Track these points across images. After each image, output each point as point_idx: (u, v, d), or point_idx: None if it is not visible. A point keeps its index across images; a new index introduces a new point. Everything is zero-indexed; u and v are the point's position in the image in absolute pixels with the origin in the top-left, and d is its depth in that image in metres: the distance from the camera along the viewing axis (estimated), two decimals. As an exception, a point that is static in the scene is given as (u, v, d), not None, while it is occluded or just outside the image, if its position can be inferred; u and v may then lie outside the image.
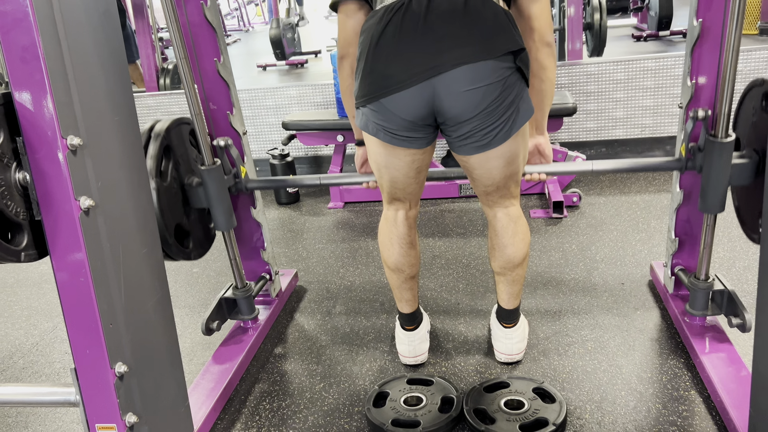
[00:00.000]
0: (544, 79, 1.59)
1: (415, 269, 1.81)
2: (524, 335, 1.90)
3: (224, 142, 1.89)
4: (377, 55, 1.43)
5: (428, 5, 1.39)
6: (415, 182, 1.68)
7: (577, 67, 3.35)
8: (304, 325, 2.20)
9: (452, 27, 1.38)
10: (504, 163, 1.57)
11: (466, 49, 1.37)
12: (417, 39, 1.39)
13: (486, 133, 1.47)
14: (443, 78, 1.39)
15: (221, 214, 1.89)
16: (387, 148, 1.55)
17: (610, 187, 3.22)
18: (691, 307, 1.86)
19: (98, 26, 1.24)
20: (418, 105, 1.43)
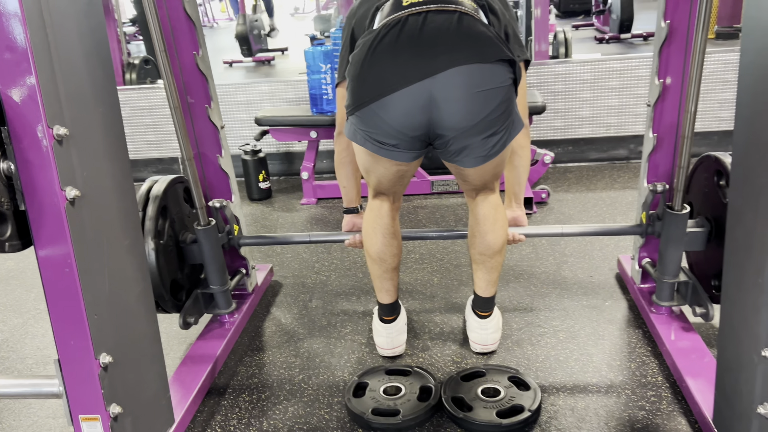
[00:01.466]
0: (522, 156, 1.78)
1: (396, 260, 1.85)
2: (498, 326, 1.95)
3: (219, 204, 1.99)
4: (372, 62, 1.45)
5: (424, 20, 1.43)
6: (400, 185, 1.75)
7: (545, 67, 3.43)
8: (281, 318, 2.21)
9: (446, 37, 1.42)
10: (494, 167, 1.64)
11: (460, 53, 1.41)
12: (412, 47, 1.42)
13: (486, 143, 1.51)
14: (439, 80, 1.41)
15: (215, 271, 1.98)
16: (374, 157, 1.59)
17: (577, 184, 3.30)
18: (657, 298, 1.94)
19: (83, 17, 1.24)
20: (413, 111, 1.44)
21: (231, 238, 2.07)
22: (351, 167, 1.84)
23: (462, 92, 1.42)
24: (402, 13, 1.45)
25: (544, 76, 3.43)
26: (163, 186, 1.87)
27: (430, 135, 1.52)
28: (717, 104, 3.40)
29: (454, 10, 1.44)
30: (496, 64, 1.43)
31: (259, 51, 7.67)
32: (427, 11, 1.44)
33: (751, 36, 1.18)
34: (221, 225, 2.02)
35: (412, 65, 1.41)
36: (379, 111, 1.46)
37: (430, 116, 1.45)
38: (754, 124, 1.19)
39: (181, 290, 1.97)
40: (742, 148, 1.24)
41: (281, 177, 3.82)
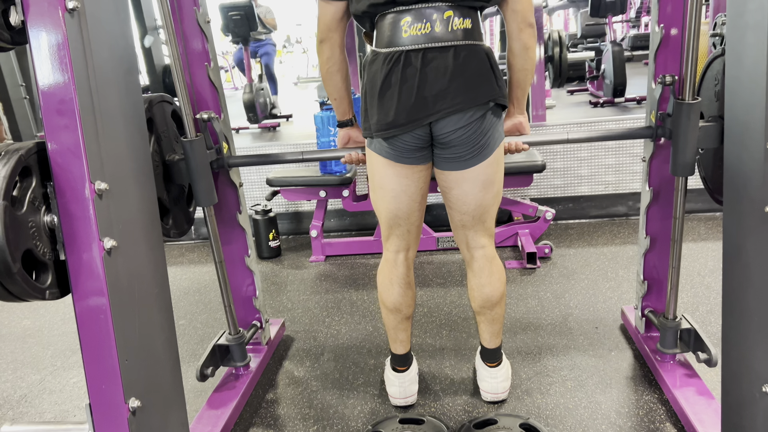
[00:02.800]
0: (526, 58, 1.72)
1: (411, 309, 1.91)
2: (508, 375, 1.99)
3: (207, 116, 1.90)
4: (382, 103, 1.61)
5: (423, 59, 1.56)
6: (417, 209, 1.80)
7: (543, 128, 3.58)
8: (293, 371, 2.25)
9: (444, 83, 1.56)
10: (479, 187, 1.72)
11: (456, 100, 1.56)
12: (415, 92, 1.56)
13: (465, 153, 1.66)
14: (438, 123, 1.61)
15: (203, 188, 1.89)
16: (396, 167, 1.71)
17: (578, 239, 3.39)
18: (661, 346, 1.99)
19: (122, 83, 1.36)
20: (419, 137, 1.65)
21: (219, 157, 1.99)
22: (339, 76, 1.80)
23: (454, 126, 1.62)
24: (401, 48, 1.57)
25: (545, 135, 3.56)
26: (148, 98, 1.78)
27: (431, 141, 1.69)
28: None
29: (449, 46, 1.57)
30: (486, 104, 1.61)
31: (264, 118, 7.91)
32: (426, 49, 1.57)
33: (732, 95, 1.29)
34: (209, 141, 1.93)
35: (416, 112, 1.58)
36: (393, 141, 1.66)
37: (429, 137, 1.66)
38: (740, 175, 1.29)
39: (167, 213, 1.85)
40: (732, 198, 1.33)
41: (290, 236, 3.92)
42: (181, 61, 1.78)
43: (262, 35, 8.46)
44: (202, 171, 1.86)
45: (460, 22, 1.60)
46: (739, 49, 1.28)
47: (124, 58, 1.36)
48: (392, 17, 1.60)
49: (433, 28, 1.58)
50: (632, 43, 10.70)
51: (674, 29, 1.84)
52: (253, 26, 7.49)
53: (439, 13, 1.58)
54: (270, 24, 8.76)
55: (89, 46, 1.22)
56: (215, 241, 1.99)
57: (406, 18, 1.59)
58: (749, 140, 1.25)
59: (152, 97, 1.81)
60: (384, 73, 1.59)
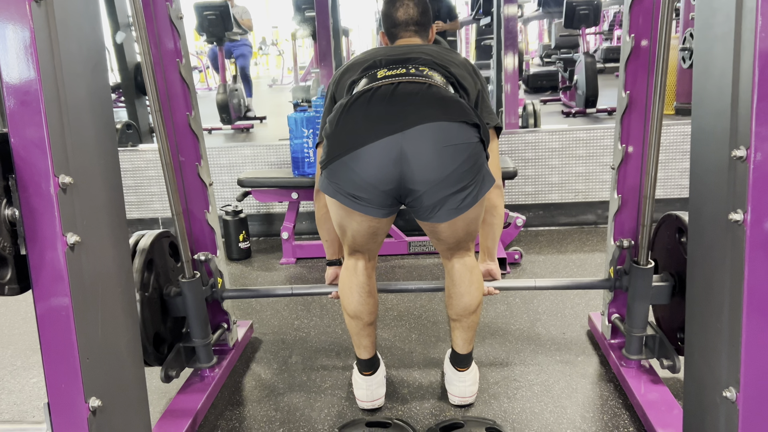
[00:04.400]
0: (495, 215, 1.88)
1: (373, 316, 1.90)
2: (476, 379, 2.00)
3: (204, 257, 2.03)
4: (345, 120, 1.57)
5: (395, 88, 1.57)
6: (374, 243, 1.81)
7: (516, 136, 3.62)
8: (260, 373, 2.23)
9: (415, 98, 1.56)
10: (468, 224, 1.72)
11: (427, 111, 1.54)
12: (384, 105, 1.55)
13: (456, 197, 1.59)
14: (409, 135, 1.51)
15: (197, 324, 2.01)
16: (345, 210, 1.67)
17: (548, 246, 3.43)
18: (627, 352, 2.02)
19: (91, 76, 1.33)
20: (384, 163, 1.53)
21: (214, 291, 2.10)
22: (332, 222, 1.88)
23: (430, 146, 1.52)
24: (376, 83, 1.59)
25: (515, 144, 3.60)
26: (150, 240, 1.92)
27: (402, 191, 1.59)
28: (678, 173, 3.60)
29: (424, 82, 1.59)
30: (462, 124, 1.55)
31: (238, 119, 7.85)
32: (399, 82, 1.58)
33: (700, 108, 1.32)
34: (205, 278, 2.06)
35: (384, 121, 1.53)
36: (351, 163, 1.55)
37: (401, 170, 1.54)
38: (706, 183, 1.31)
39: (164, 343, 1.99)
40: (697, 205, 1.36)
41: (261, 238, 3.88)
42: (152, 58, 1.75)
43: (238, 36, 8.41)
44: (197, 307, 1.99)
45: (435, 74, 1.66)
46: (707, 59, 1.30)
47: (93, 51, 1.34)
48: (370, 75, 1.67)
49: (408, 71, 1.63)
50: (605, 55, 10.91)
51: (645, 41, 1.88)
52: (228, 26, 7.44)
53: (416, 66, 1.65)
54: (246, 25, 8.71)
55: (56, 38, 1.20)
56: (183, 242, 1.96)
57: (383, 70, 1.66)
58: (715, 149, 1.28)
59: (153, 237, 1.94)
60: (352, 100, 1.58)
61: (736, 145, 1.19)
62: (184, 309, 1.99)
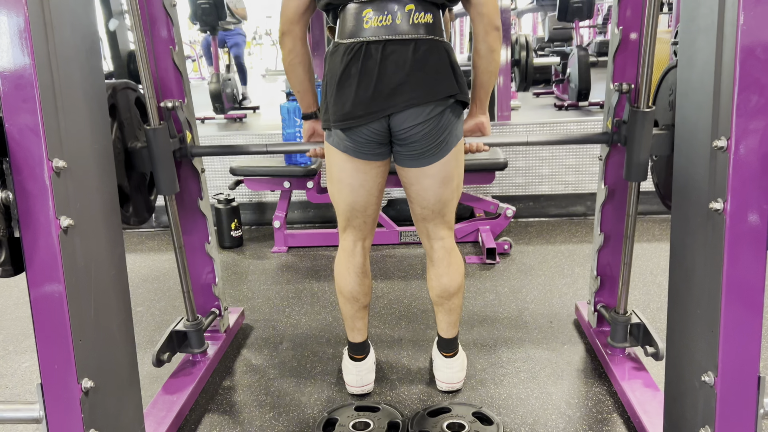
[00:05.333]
0: (491, 60, 1.74)
1: (368, 298, 1.93)
2: (463, 365, 2.03)
3: (172, 104, 1.89)
4: (341, 94, 1.62)
5: (383, 51, 1.58)
6: (374, 202, 1.83)
7: (506, 127, 3.64)
8: (251, 359, 2.25)
9: (403, 75, 1.58)
10: (438, 183, 1.75)
11: (414, 94, 1.59)
12: (374, 84, 1.58)
13: (423, 150, 1.68)
14: (396, 116, 1.62)
15: (165, 176, 1.88)
16: (354, 162, 1.73)
17: (537, 237, 3.46)
18: (612, 339, 2.05)
19: (84, 62, 1.35)
20: (377, 132, 1.66)
21: (183, 147, 1.98)
22: (302, 68, 1.79)
23: (412, 121, 1.63)
24: (363, 39, 1.60)
25: (506, 137, 3.63)
26: (112, 84, 1.77)
27: (390, 139, 1.71)
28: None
29: (410, 40, 1.60)
30: (442, 100, 1.63)
31: (231, 108, 7.83)
32: (386, 41, 1.59)
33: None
34: (173, 130, 1.92)
35: (374, 104, 1.60)
36: (351, 134, 1.67)
37: (388, 132, 1.67)
38: (689, 172, 1.34)
39: (128, 201, 1.84)
40: (680, 194, 1.39)
41: (253, 226, 3.90)
42: (146, 45, 1.76)
43: (231, 25, 8.37)
44: (164, 159, 1.86)
45: (421, 16, 1.63)
46: (691, 52, 1.33)
47: (87, 36, 1.35)
48: (355, 9, 1.63)
49: (395, 20, 1.61)
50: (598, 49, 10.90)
51: (633, 33, 1.90)
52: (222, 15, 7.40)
53: (401, 6, 1.61)
54: (240, 14, 8.67)
55: (50, 24, 1.21)
56: (175, 227, 1.98)
57: (368, 10, 1.62)
58: (698, 140, 1.31)
59: (116, 83, 1.79)
60: (344, 64, 1.61)
61: (717, 135, 1.22)
62: (150, 162, 1.85)
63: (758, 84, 1.15)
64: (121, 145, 1.80)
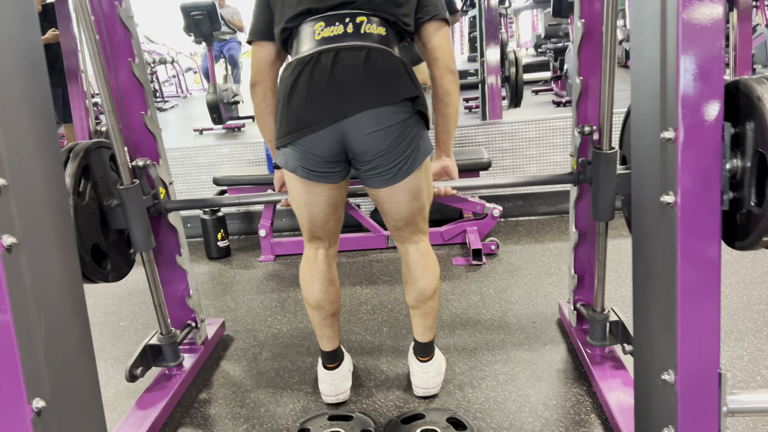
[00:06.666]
0: (449, 103, 1.76)
1: (335, 306, 1.91)
2: (440, 369, 2.00)
3: (143, 163, 1.92)
4: (291, 103, 1.59)
5: (335, 59, 1.56)
6: (333, 218, 1.80)
7: (493, 126, 3.61)
8: (229, 371, 2.23)
9: (356, 78, 1.55)
10: (410, 198, 1.73)
11: (368, 98, 1.55)
12: (325, 89, 1.55)
13: (390, 168, 1.64)
14: (349, 122, 1.56)
15: (139, 233, 1.90)
16: (306, 184, 1.69)
17: (526, 236, 3.42)
18: (591, 338, 2.02)
19: (27, 75, 1.33)
20: (330, 144, 1.59)
21: (156, 202, 2.00)
22: (272, 118, 1.77)
23: (366, 130, 1.58)
24: (315, 50, 1.58)
25: (491, 135, 3.60)
26: (85, 145, 1.79)
27: (347, 157, 1.66)
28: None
29: (362, 47, 1.57)
30: (397, 103, 1.58)
31: (229, 119, 7.83)
32: (338, 49, 1.57)
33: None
34: (146, 187, 1.94)
35: (326, 109, 1.56)
36: (303, 145, 1.61)
37: (343, 145, 1.61)
38: (643, 166, 1.31)
39: (105, 258, 1.87)
40: (637, 189, 1.36)
41: (241, 236, 3.89)
42: (102, 59, 1.75)
43: (227, 35, 8.41)
44: (138, 217, 1.89)
45: (372, 27, 1.62)
46: (640, 42, 1.30)
47: (28, 51, 1.34)
48: (307, 25, 1.62)
49: (346, 29, 1.60)
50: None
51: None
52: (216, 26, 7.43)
53: (352, 17, 1.60)
54: (236, 26, 8.71)
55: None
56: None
57: (320, 23, 1.62)
58: (648, 132, 1.27)
59: (89, 144, 1.82)
60: (294, 75, 1.59)
61: (665, 126, 1.19)
62: (125, 219, 1.88)
63: (702, 72, 1.12)
64: (96, 204, 1.85)
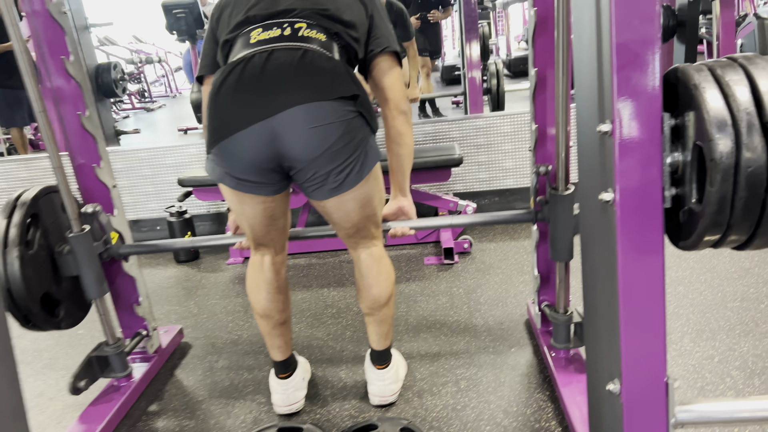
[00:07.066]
0: (402, 144, 1.70)
1: (284, 315, 1.82)
2: (398, 377, 1.92)
3: (92, 209, 1.88)
4: (218, 103, 1.48)
5: (268, 58, 1.46)
6: (274, 229, 1.70)
7: (467, 121, 3.52)
8: (183, 381, 2.15)
9: (289, 75, 1.46)
10: (359, 206, 1.63)
11: (301, 92, 1.45)
12: (255, 86, 1.45)
13: (337, 175, 1.52)
14: (280, 118, 1.43)
15: (91, 281, 1.88)
16: (237, 195, 1.58)
17: (501, 234, 3.34)
18: (554, 341, 1.93)
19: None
20: (259, 147, 1.46)
21: (108, 248, 1.95)
22: None
23: (301, 127, 1.45)
24: (248, 51, 1.49)
25: (465, 130, 3.51)
26: (33, 193, 1.75)
27: (283, 167, 1.52)
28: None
29: (299, 48, 1.49)
30: (336, 101, 1.46)
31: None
32: (273, 49, 1.48)
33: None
34: (97, 233, 1.91)
35: (255, 105, 1.45)
36: (229, 147, 1.48)
37: (276, 149, 1.47)
38: (585, 163, 1.23)
39: (58, 305, 1.83)
40: (582, 187, 1.27)
41: (213, 238, 3.79)
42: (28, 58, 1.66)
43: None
44: (89, 264, 1.86)
45: (312, 32, 1.54)
46: (580, 29, 1.21)
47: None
48: (244, 35, 1.55)
49: (283, 33, 1.52)
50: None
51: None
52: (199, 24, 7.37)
53: (291, 23, 1.53)
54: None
55: None
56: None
57: (258, 29, 1.54)
58: (589, 126, 1.19)
59: (38, 192, 1.77)
60: (223, 76, 1.49)
61: (603, 119, 1.11)
62: (76, 267, 1.84)
63: (638, 59, 1.03)
64: (47, 252, 1.80)
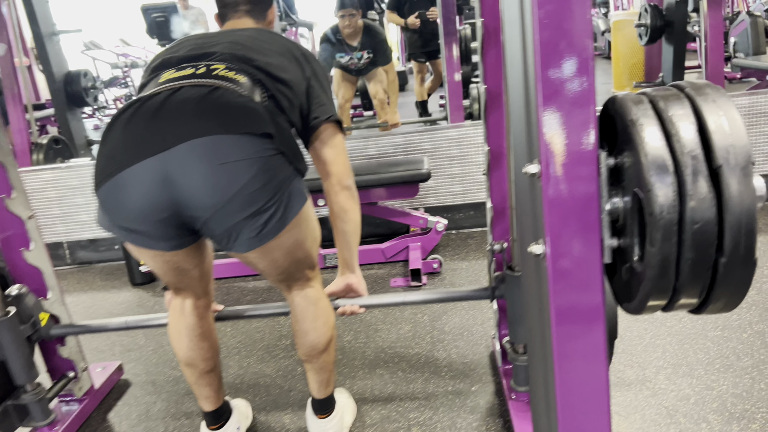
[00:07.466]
0: (347, 220, 1.56)
1: (210, 363, 1.64)
2: (342, 425, 1.74)
3: (17, 291, 1.78)
4: (107, 139, 1.31)
5: (172, 94, 1.30)
6: (187, 279, 1.52)
7: (438, 132, 3.34)
8: (114, 427, 1.97)
9: (189, 108, 1.28)
10: (287, 252, 1.44)
11: (200, 124, 1.26)
12: (149, 120, 1.28)
13: (254, 223, 1.31)
14: (173, 154, 1.24)
15: (19, 367, 1.76)
16: (140, 250, 1.40)
17: (476, 250, 3.16)
18: (514, 383, 1.76)
19: None
20: (150, 189, 1.26)
21: (37, 329, 1.82)
22: None
23: (201, 166, 1.24)
24: (154, 90, 1.32)
25: (437, 141, 3.33)
26: None
27: (185, 218, 1.31)
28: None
29: (210, 85, 1.31)
30: (245, 136, 1.27)
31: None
32: (181, 86, 1.31)
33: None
34: (24, 315, 1.78)
35: (144, 140, 1.26)
36: (114, 191, 1.28)
37: (171, 195, 1.26)
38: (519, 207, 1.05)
39: None
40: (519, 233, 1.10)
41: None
42: None
43: (192, 34, 8.19)
44: (16, 349, 1.74)
45: (231, 74, 1.36)
46: (511, 53, 1.04)
47: None
48: (156, 77, 1.40)
49: (196, 71, 1.35)
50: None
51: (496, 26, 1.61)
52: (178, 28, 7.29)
53: (207, 65, 1.37)
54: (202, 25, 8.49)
55: None
56: None
57: (171, 71, 1.38)
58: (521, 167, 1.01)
59: None
60: (119, 113, 1.32)
61: (531, 158, 0.93)
62: (1, 352, 1.72)
63: (567, 86, 0.86)
64: None
